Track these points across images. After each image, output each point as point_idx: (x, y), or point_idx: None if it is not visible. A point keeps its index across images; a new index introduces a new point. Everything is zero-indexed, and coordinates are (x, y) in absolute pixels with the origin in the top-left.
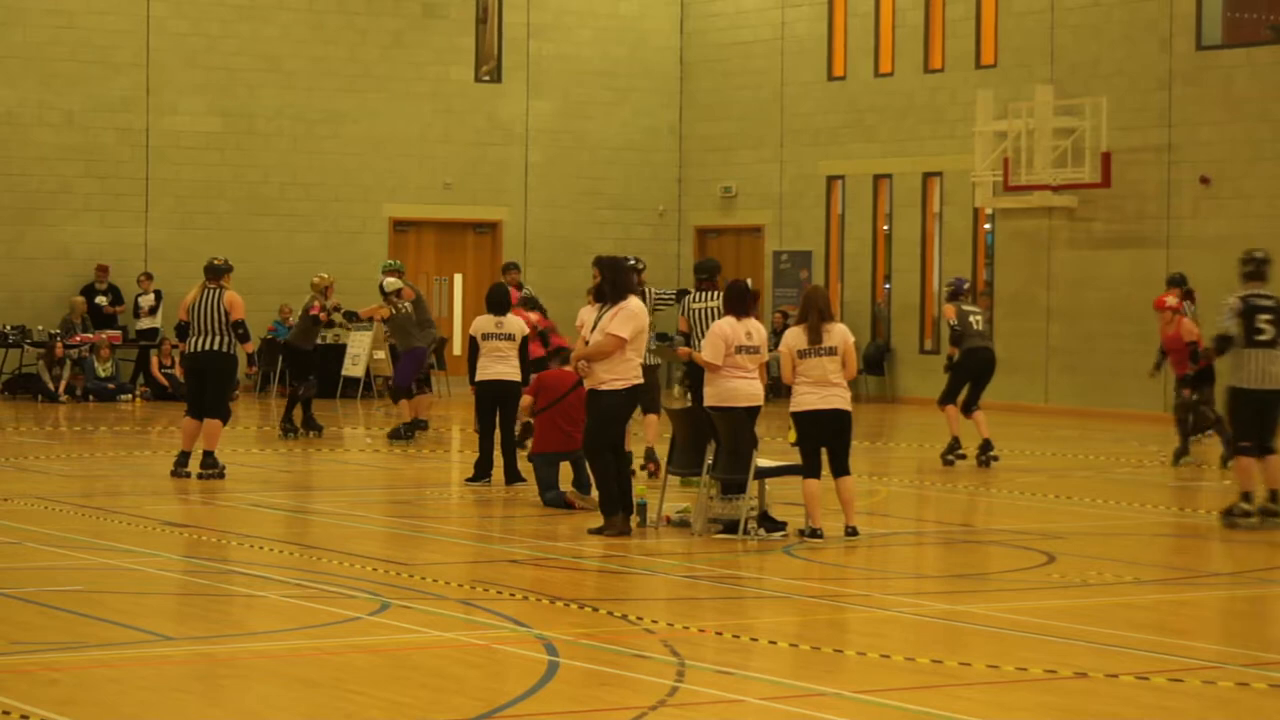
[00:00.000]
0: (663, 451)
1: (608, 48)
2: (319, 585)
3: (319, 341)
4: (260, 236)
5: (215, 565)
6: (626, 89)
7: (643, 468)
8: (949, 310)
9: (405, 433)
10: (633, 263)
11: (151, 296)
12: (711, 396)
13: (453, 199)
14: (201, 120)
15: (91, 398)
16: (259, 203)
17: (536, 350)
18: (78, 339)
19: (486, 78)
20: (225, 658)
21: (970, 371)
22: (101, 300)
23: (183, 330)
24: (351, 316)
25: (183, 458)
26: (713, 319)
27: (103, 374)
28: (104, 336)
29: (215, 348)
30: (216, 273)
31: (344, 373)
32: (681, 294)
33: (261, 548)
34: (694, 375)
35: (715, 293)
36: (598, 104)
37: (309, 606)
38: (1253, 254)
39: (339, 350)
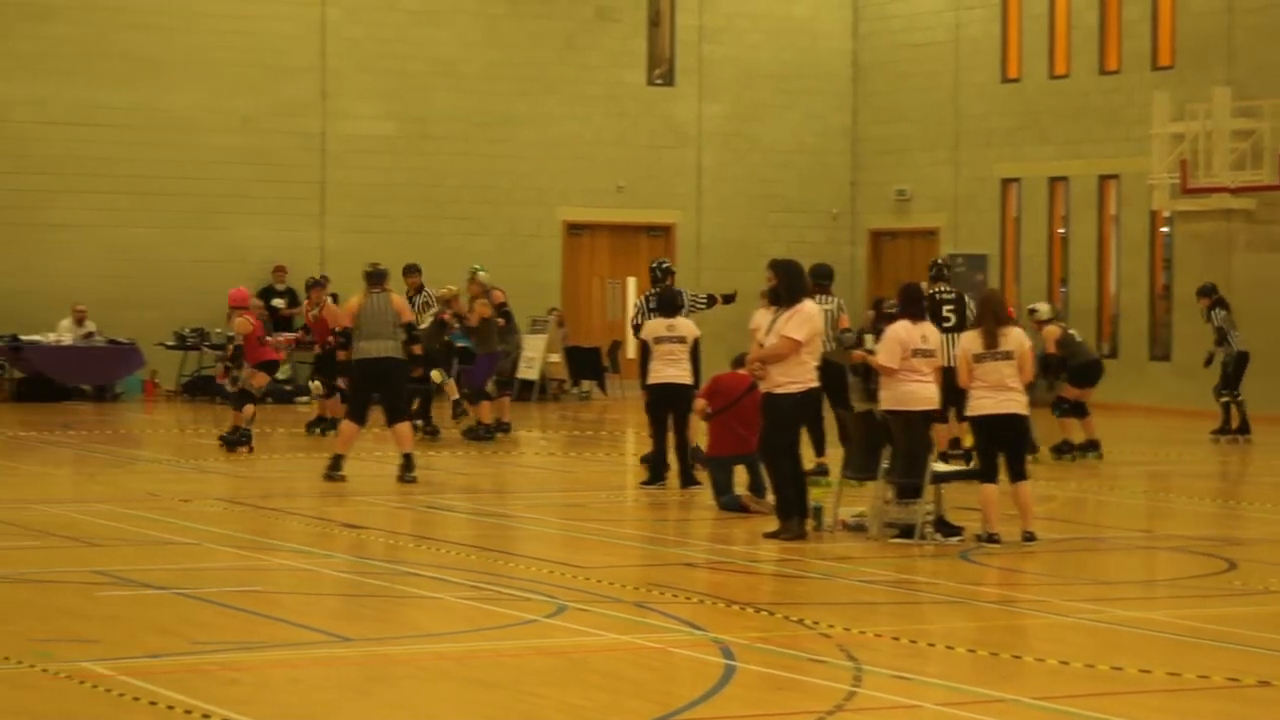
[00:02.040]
0: (836, 457)
1: (780, 50)
2: (495, 587)
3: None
4: (434, 240)
5: (391, 566)
6: (799, 91)
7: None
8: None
9: (484, 434)
10: (664, 265)
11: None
12: (887, 400)
13: (626, 202)
14: (376, 124)
15: (270, 400)
16: (433, 206)
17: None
18: None
19: (659, 81)
20: (402, 659)
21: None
22: (279, 302)
23: (344, 337)
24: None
25: (336, 461)
26: (829, 323)
27: (281, 376)
28: (282, 339)
29: (388, 353)
30: (380, 278)
31: (518, 375)
32: (711, 300)
33: (437, 549)
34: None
35: (829, 297)
36: (770, 107)
37: (485, 608)
38: None
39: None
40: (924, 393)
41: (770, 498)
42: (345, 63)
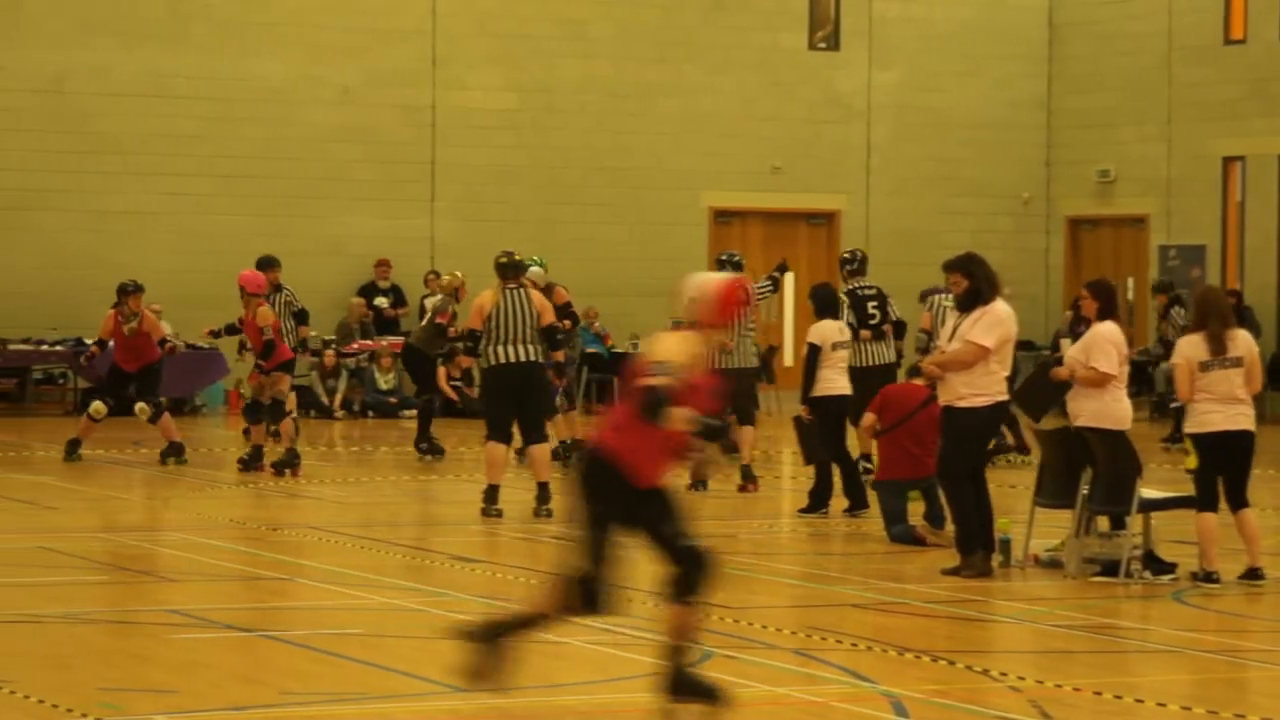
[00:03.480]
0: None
1: (962, 9)
2: (630, 631)
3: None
4: (561, 229)
5: (509, 606)
6: (985, 56)
7: (741, 489)
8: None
9: (564, 452)
10: (736, 260)
11: (439, 298)
12: (1088, 415)
13: (782, 185)
14: (494, 96)
15: (371, 413)
16: (559, 190)
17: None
18: (355, 346)
19: (822, 45)
20: (523, 712)
21: None
22: (382, 302)
23: (472, 340)
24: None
25: (492, 493)
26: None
27: (384, 386)
28: (385, 344)
29: (530, 358)
30: (517, 270)
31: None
32: (774, 281)
33: None
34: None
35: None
36: (951, 74)
37: (618, 655)
38: None
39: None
40: (1129, 407)
41: (950, 529)
42: (459, 25)
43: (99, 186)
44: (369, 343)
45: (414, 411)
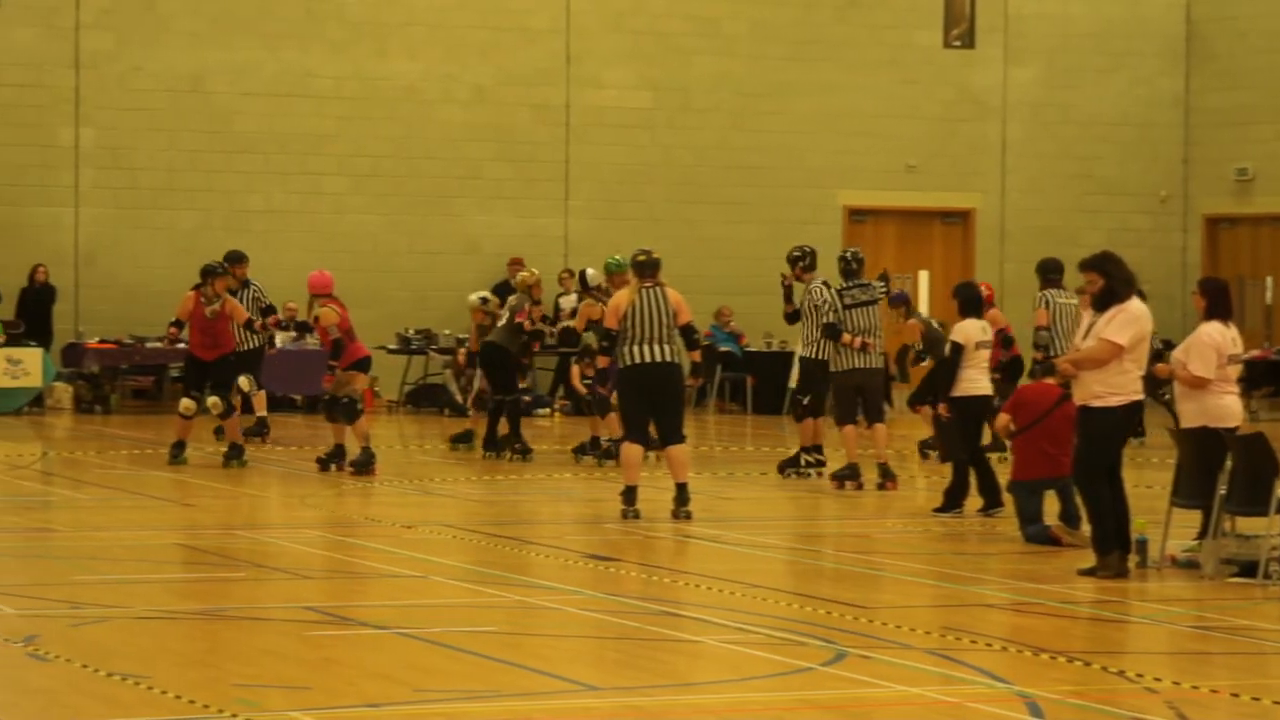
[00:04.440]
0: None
1: (1100, 5)
2: (763, 630)
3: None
4: (694, 228)
5: (644, 604)
6: (1122, 53)
7: (880, 486)
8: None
9: (616, 450)
10: (859, 256)
11: (574, 297)
12: (1191, 415)
13: (917, 184)
14: (628, 94)
15: (411, 405)
16: (693, 189)
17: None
18: None
19: (957, 43)
20: (658, 711)
21: None
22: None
23: (609, 340)
24: (547, 319)
25: (630, 493)
26: (1072, 316)
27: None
28: None
29: (667, 358)
30: (653, 268)
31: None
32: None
33: (696, 585)
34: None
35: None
36: (1088, 71)
37: (752, 654)
38: None
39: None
40: (1237, 406)
41: (1085, 529)
42: (593, 23)
43: (236, 186)
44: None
45: (547, 410)
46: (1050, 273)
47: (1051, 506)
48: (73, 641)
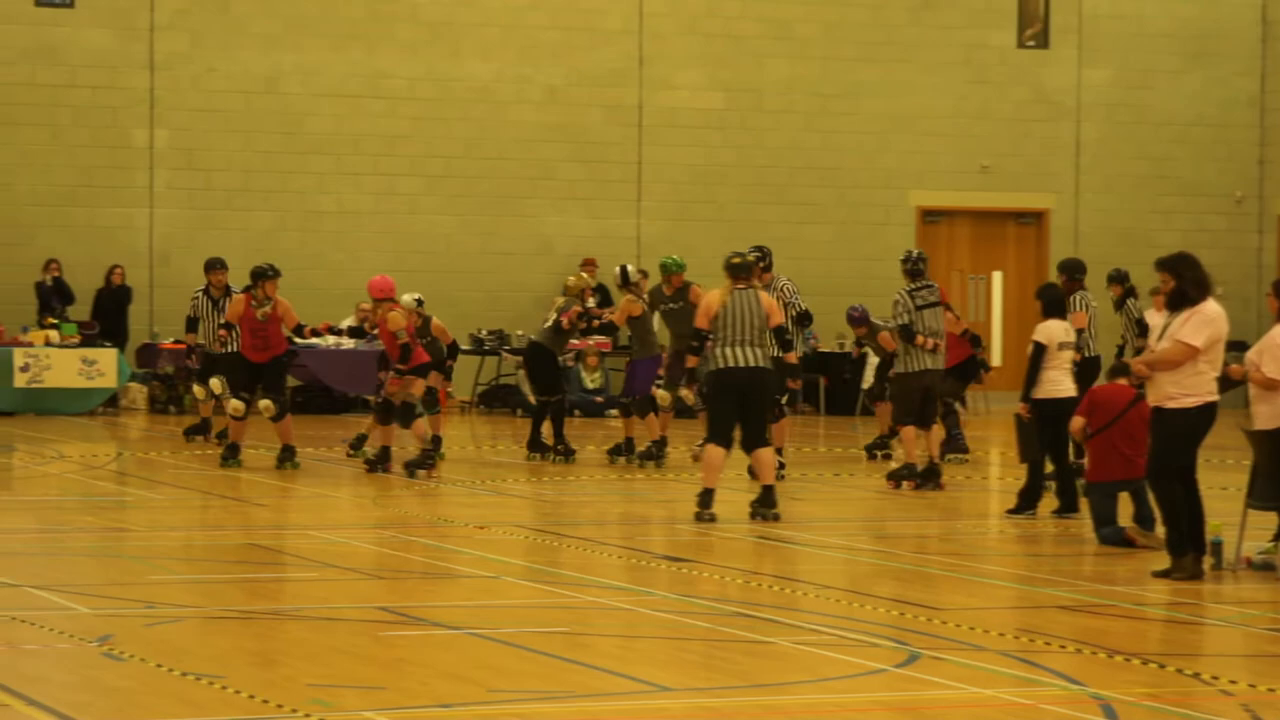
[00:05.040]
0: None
1: (1175, 5)
2: (837, 631)
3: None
4: (767, 228)
5: (716, 605)
6: (1198, 53)
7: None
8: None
9: (657, 451)
10: (924, 257)
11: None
12: (1271, 416)
13: (991, 184)
14: (701, 95)
15: (577, 412)
16: (766, 190)
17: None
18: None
19: (1031, 43)
20: (731, 712)
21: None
22: (589, 301)
23: (698, 340)
24: (585, 318)
25: (707, 496)
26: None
27: (590, 385)
28: (591, 343)
29: (758, 362)
30: (746, 270)
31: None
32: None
33: (769, 587)
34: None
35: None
36: (1163, 72)
37: (825, 655)
38: None
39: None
40: None
41: (1160, 530)
42: (666, 24)
43: (309, 186)
44: (575, 342)
45: (620, 412)
46: (1077, 272)
47: (1126, 508)
48: (147, 641)
